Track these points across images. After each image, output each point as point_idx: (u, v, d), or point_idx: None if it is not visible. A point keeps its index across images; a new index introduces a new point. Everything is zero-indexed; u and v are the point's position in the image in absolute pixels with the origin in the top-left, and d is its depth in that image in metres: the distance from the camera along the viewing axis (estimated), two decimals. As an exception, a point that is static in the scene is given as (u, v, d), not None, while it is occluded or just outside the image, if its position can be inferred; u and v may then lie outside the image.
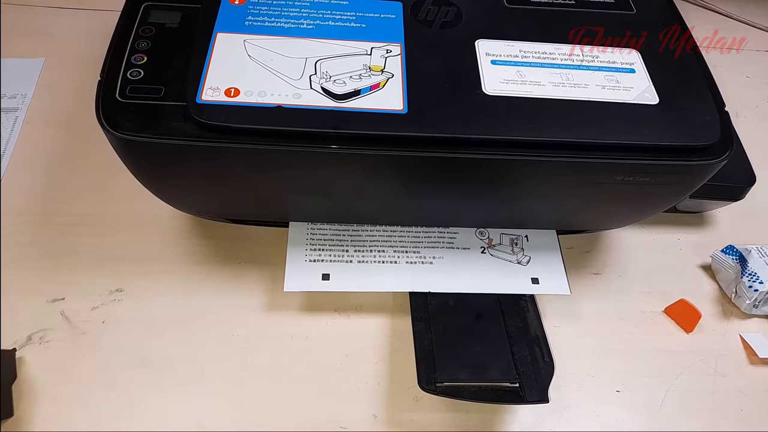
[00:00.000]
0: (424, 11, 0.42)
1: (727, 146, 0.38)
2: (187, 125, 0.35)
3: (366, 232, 0.47)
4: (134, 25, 0.39)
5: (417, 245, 0.47)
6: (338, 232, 0.47)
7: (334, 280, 0.44)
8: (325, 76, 0.37)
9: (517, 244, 0.47)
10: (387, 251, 0.46)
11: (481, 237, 0.48)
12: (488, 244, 0.47)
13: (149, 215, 0.48)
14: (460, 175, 0.38)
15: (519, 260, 0.46)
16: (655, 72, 0.40)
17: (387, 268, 0.45)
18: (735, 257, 0.49)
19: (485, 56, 0.40)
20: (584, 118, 0.37)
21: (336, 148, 0.35)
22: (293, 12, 0.41)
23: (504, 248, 0.47)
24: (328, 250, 0.46)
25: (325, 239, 0.46)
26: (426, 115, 0.36)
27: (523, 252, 0.47)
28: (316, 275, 0.44)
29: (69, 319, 0.43)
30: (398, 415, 0.41)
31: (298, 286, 0.44)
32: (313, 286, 0.44)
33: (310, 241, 0.46)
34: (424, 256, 0.46)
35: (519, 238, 0.48)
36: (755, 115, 0.64)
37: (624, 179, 0.38)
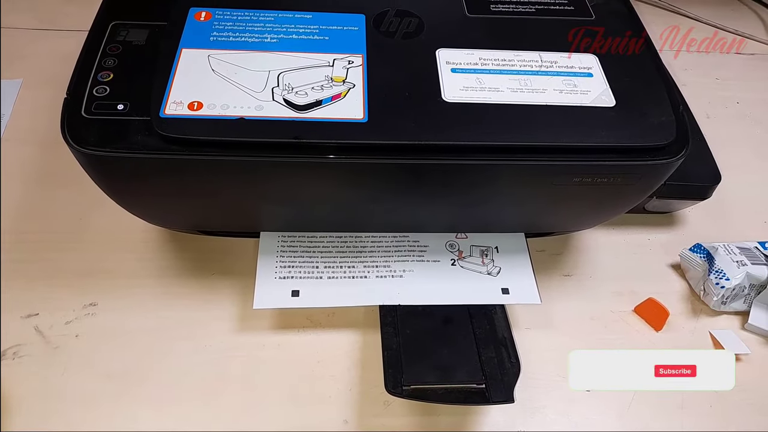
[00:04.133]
0: (387, 23, 0.43)
1: (683, 145, 0.39)
2: (150, 139, 0.35)
3: (336, 248, 0.47)
4: (102, 42, 0.40)
5: (387, 259, 0.47)
6: (308, 249, 0.47)
7: (304, 296, 0.44)
8: (288, 87, 0.38)
9: (488, 256, 0.47)
10: (357, 266, 0.46)
11: (451, 249, 0.48)
12: (458, 256, 0.47)
13: (122, 230, 0.48)
14: (420, 181, 0.39)
15: (489, 271, 0.46)
16: (612, 75, 0.41)
17: (357, 282, 0.45)
18: (702, 255, 0.49)
19: (445, 65, 0.41)
20: (541, 121, 0.38)
21: (297, 157, 0.36)
22: (257, 27, 0.42)
23: (474, 260, 0.47)
24: (298, 267, 0.45)
25: (295, 256, 0.46)
26: (385, 123, 0.37)
27: (493, 263, 0.47)
28: (286, 292, 0.44)
29: (43, 334, 0.43)
30: (369, 420, 0.41)
31: (268, 303, 0.44)
32: (283, 303, 0.44)
33: (280, 258, 0.46)
34: (394, 270, 0.46)
35: (489, 249, 0.48)
36: (724, 116, 0.65)
37: (582, 180, 0.39)
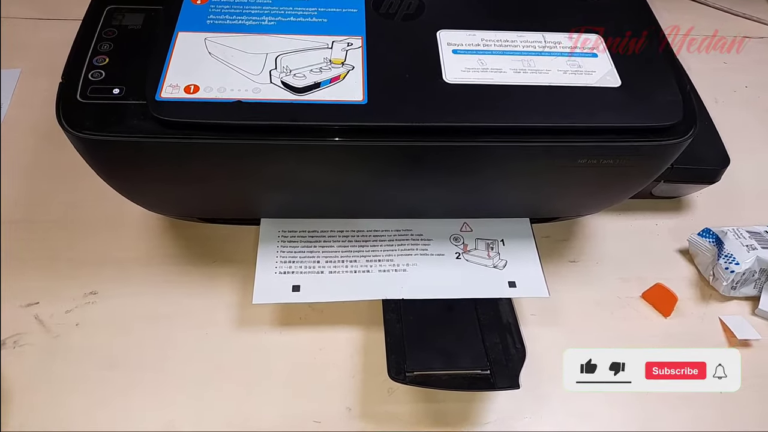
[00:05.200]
0: (386, 4, 0.42)
1: (690, 125, 0.38)
2: (146, 123, 0.35)
3: (337, 243, 0.46)
4: (97, 27, 0.39)
5: (390, 253, 0.46)
6: (309, 243, 0.46)
7: (305, 291, 0.43)
8: (286, 70, 0.37)
9: (493, 248, 0.46)
10: (359, 261, 0.45)
11: (455, 243, 0.46)
12: (463, 249, 0.46)
13: (122, 218, 0.48)
14: (421, 164, 0.38)
15: (495, 264, 0.45)
16: (617, 56, 0.40)
17: (359, 277, 0.44)
18: (711, 240, 0.48)
19: (447, 46, 0.40)
20: (545, 102, 0.37)
21: (296, 140, 0.35)
22: (255, 9, 0.41)
23: (480, 253, 0.46)
24: (298, 261, 0.44)
25: (295, 251, 0.45)
26: (385, 105, 0.36)
27: (499, 256, 0.46)
28: (286, 287, 0.43)
29: (43, 323, 0.43)
30: (372, 407, 0.41)
31: (267, 298, 0.43)
32: (283, 298, 0.43)
33: (280, 253, 0.45)
34: (397, 264, 0.45)
35: (495, 242, 0.46)
36: (733, 100, 0.64)
37: (588, 162, 0.38)
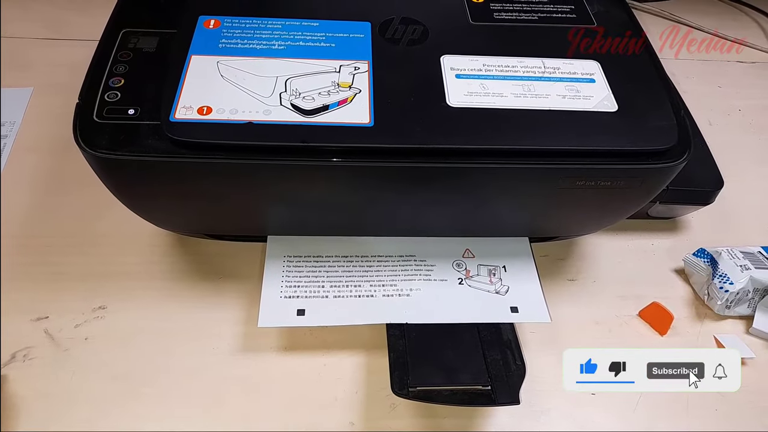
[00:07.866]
0: (392, 30, 0.44)
1: (685, 149, 0.39)
2: (160, 142, 0.36)
3: (342, 268, 0.47)
4: (113, 49, 0.41)
5: (393, 278, 0.46)
6: (314, 268, 0.46)
7: (310, 315, 0.43)
8: (295, 93, 0.39)
9: (495, 274, 0.47)
10: (363, 285, 0.46)
11: (458, 269, 0.47)
12: (465, 275, 0.47)
13: (130, 234, 0.49)
14: (425, 185, 0.39)
15: (497, 290, 0.46)
16: (614, 81, 0.42)
17: (364, 302, 0.45)
18: (706, 260, 0.49)
19: (450, 70, 0.41)
20: (545, 126, 0.39)
21: (305, 160, 0.37)
22: (265, 34, 0.43)
23: (482, 279, 0.46)
24: (303, 286, 0.45)
25: (300, 276, 0.46)
26: (391, 127, 0.38)
27: (501, 282, 0.46)
28: (292, 311, 0.43)
29: (52, 337, 0.44)
30: (375, 422, 0.42)
31: (273, 322, 0.43)
32: (288, 322, 0.43)
33: (286, 277, 0.45)
34: (401, 289, 0.46)
35: (497, 268, 0.47)
36: (726, 123, 0.65)
37: (586, 184, 0.39)
